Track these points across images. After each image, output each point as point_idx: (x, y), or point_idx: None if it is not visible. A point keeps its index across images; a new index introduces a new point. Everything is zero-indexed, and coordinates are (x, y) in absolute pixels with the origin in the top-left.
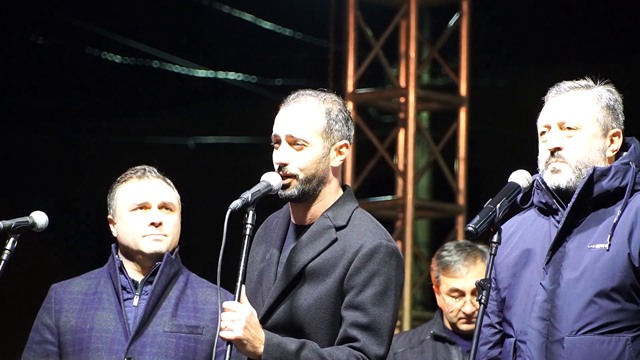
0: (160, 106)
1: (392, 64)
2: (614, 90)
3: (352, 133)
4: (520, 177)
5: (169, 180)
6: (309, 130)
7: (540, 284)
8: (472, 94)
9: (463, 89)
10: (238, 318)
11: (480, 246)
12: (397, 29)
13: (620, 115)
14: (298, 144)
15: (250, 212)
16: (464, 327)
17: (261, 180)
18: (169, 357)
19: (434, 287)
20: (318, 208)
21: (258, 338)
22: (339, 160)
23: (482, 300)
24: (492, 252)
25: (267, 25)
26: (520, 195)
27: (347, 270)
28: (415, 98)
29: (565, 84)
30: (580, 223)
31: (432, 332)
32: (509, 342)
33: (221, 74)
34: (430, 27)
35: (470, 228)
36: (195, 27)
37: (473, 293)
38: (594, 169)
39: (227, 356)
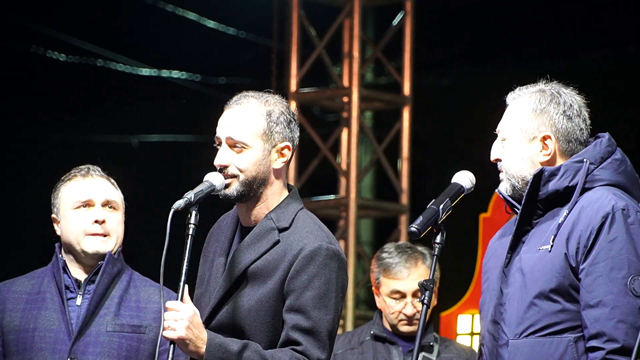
0: (104, 104)
1: (336, 64)
2: (557, 90)
3: (297, 135)
4: (463, 178)
5: (112, 180)
6: (248, 133)
7: (500, 286)
8: (417, 93)
9: (406, 89)
10: (181, 317)
11: (420, 248)
12: (341, 28)
13: (558, 116)
14: (237, 147)
15: (193, 212)
16: (404, 328)
17: (204, 180)
18: (112, 357)
19: (373, 288)
20: (261, 209)
21: (200, 338)
22: (281, 162)
23: (425, 301)
24: (435, 253)
25: (211, 24)
26: (462, 195)
27: (288, 273)
28: (358, 97)
29: (514, 92)
30: (535, 224)
31: (372, 332)
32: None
33: (165, 73)
34: (374, 26)
35: (413, 229)
36: (140, 26)
37: (414, 295)
38: (542, 170)
39: (170, 355)
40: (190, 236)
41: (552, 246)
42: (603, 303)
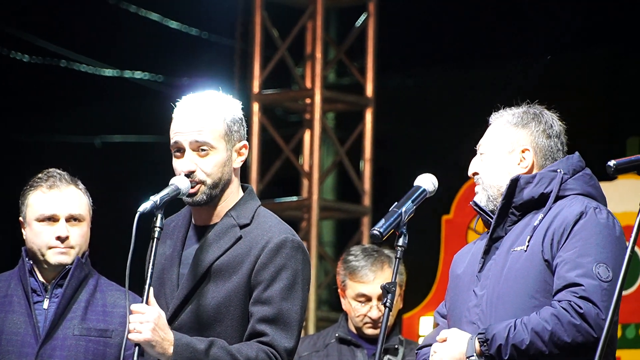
0: (67, 105)
1: (299, 65)
2: (540, 110)
3: (246, 133)
4: (426, 181)
5: (81, 186)
6: (211, 135)
7: (473, 290)
8: (380, 95)
9: (369, 90)
10: (146, 320)
11: (386, 251)
12: (304, 29)
13: (538, 133)
14: (203, 150)
15: (159, 215)
16: (369, 331)
17: (170, 183)
18: None
19: (339, 290)
20: (222, 208)
21: (167, 339)
22: (240, 161)
23: (387, 304)
24: (398, 256)
25: (173, 24)
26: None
27: (255, 266)
28: (320, 99)
29: (497, 113)
30: (509, 230)
31: (337, 335)
32: None
33: (128, 73)
34: (337, 27)
35: (375, 232)
36: (103, 27)
37: (379, 298)
38: (518, 177)
39: (135, 358)
40: (155, 239)
41: (527, 246)
42: (569, 285)
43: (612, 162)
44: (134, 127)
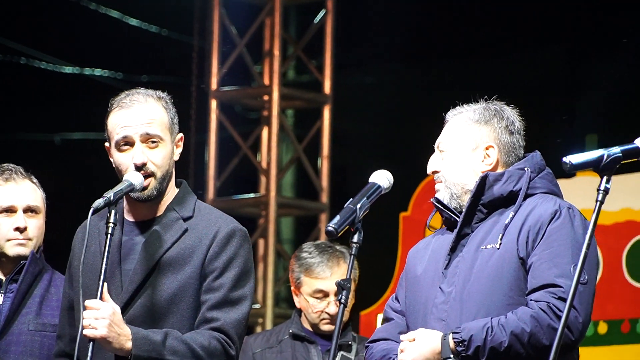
0: (27, 102)
1: (257, 62)
2: (500, 106)
3: None
4: (381, 177)
5: (35, 180)
6: (160, 127)
7: (440, 287)
8: (339, 92)
9: (327, 87)
10: (102, 316)
11: (338, 247)
12: (262, 26)
13: (500, 129)
14: (153, 142)
15: (113, 211)
16: (326, 327)
17: (123, 179)
18: (33, 356)
19: (292, 288)
20: (163, 203)
21: (124, 334)
22: (178, 154)
23: (342, 300)
24: (353, 253)
25: (133, 22)
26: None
27: (206, 256)
28: (278, 96)
29: (454, 109)
30: (476, 227)
31: (290, 331)
32: None
33: (88, 71)
34: (296, 24)
35: (330, 228)
36: (63, 24)
37: (336, 294)
38: (487, 175)
39: (90, 354)
40: (109, 235)
41: (500, 244)
42: (547, 285)
43: (568, 159)
44: (93, 125)
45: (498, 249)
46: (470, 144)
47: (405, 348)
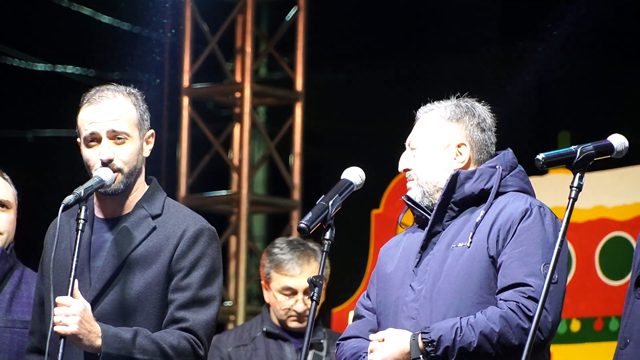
0: None
1: (230, 59)
2: (472, 103)
3: None
4: (352, 174)
5: (6, 176)
6: (127, 124)
7: (410, 285)
8: (312, 89)
9: (299, 84)
10: (72, 313)
11: (311, 244)
12: (234, 23)
13: (472, 127)
14: (120, 138)
15: (83, 208)
16: (293, 325)
17: (94, 175)
18: (3, 353)
19: (262, 282)
20: (132, 199)
21: (94, 331)
22: (149, 150)
23: (314, 298)
24: (325, 249)
25: (105, 19)
26: (352, 191)
27: (174, 254)
28: (250, 93)
29: (425, 106)
30: (447, 225)
31: (264, 329)
32: None
33: (60, 68)
34: (268, 22)
35: (302, 225)
36: (35, 21)
37: (305, 292)
38: (457, 173)
39: (61, 351)
40: (80, 231)
41: (471, 242)
42: (516, 284)
43: (540, 156)
44: (65, 122)
45: (468, 247)
46: (442, 141)
47: (374, 348)
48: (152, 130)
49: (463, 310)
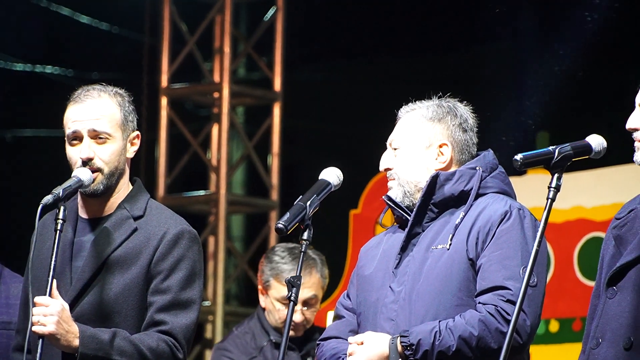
0: None
1: (208, 59)
2: (454, 104)
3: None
4: (330, 174)
5: None
6: (109, 124)
7: (390, 286)
8: (289, 89)
9: (277, 84)
10: (50, 313)
11: (311, 252)
12: (213, 23)
13: (454, 127)
14: (101, 138)
15: (62, 208)
16: (290, 333)
17: (72, 175)
18: None
19: (260, 288)
20: (115, 200)
21: (71, 332)
22: (133, 151)
23: (292, 298)
24: (302, 250)
25: (84, 19)
26: (330, 191)
27: (153, 257)
28: (229, 93)
29: (407, 106)
30: (427, 227)
31: (271, 339)
32: None
33: (39, 68)
34: (246, 22)
35: (280, 225)
36: (14, 21)
37: (305, 303)
38: (437, 174)
39: (39, 351)
40: (58, 231)
41: (450, 244)
42: (495, 287)
43: (518, 156)
44: (45, 122)
45: (448, 249)
46: (423, 141)
47: (353, 351)
48: (137, 132)
49: (442, 312)
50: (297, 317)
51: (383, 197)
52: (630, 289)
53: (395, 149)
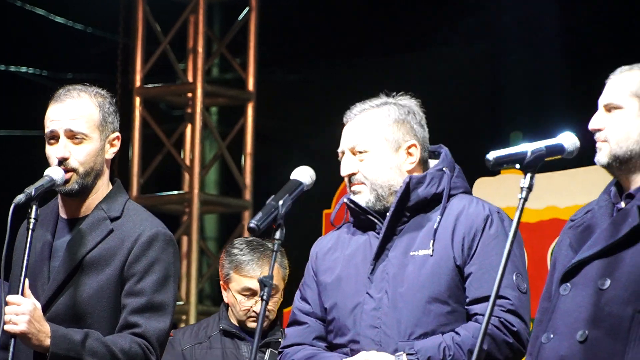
0: None
1: (182, 60)
2: (408, 102)
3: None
4: (303, 174)
5: None
6: (86, 124)
7: (367, 293)
8: (263, 89)
9: (250, 85)
10: (22, 312)
11: (270, 244)
12: (186, 24)
13: (416, 125)
14: (77, 138)
15: (34, 207)
16: (253, 325)
17: (44, 174)
18: None
19: (221, 283)
20: (93, 201)
21: (43, 331)
22: (112, 153)
23: (264, 297)
24: (275, 249)
25: (58, 19)
26: (302, 191)
27: (127, 259)
28: (202, 93)
29: (356, 108)
30: (400, 231)
31: (221, 327)
32: (340, 353)
33: (13, 68)
34: (220, 22)
35: (252, 225)
36: None
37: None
38: (410, 178)
39: (12, 350)
40: (31, 230)
41: (433, 250)
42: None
43: (491, 156)
44: (19, 122)
45: (431, 255)
46: (393, 143)
47: None
48: (117, 134)
49: (434, 320)
50: (258, 308)
51: (345, 200)
52: (586, 284)
53: (360, 153)
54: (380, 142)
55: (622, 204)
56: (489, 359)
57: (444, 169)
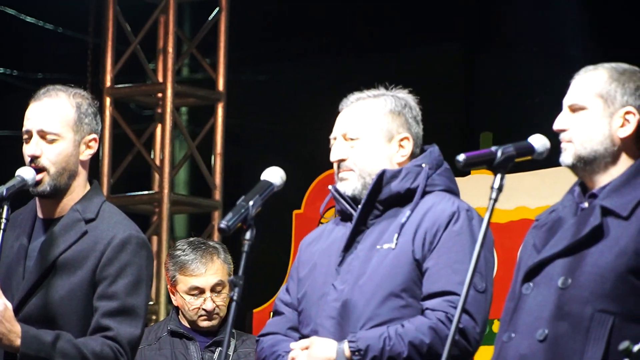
0: None
1: (152, 60)
2: (405, 96)
3: (100, 127)
4: (273, 175)
5: None
6: (59, 124)
7: (332, 284)
8: (233, 89)
9: (220, 84)
10: None
11: (212, 242)
12: (156, 24)
13: (411, 120)
14: (50, 138)
15: (5, 207)
16: (204, 324)
17: (16, 175)
18: None
19: (169, 286)
20: (68, 202)
21: (14, 331)
22: (88, 154)
23: (235, 297)
24: (245, 250)
25: (29, 19)
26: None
27: (100, 261)
28: (172, 93)
29: (353, 96)
30: (371, 224)
31: (169, 328)
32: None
33: None
34: (190, 22)
35: (222, 225)
36: None
37: (212, 290)
38: (384, 171)
39: None
40: (2, 231)
41: (396, 244)
42: (445, 292)
43: (461, 157)
44: None
45: (394, 249)
46: (386, 133)
47: (297, 356)
48: (94, 135)
49: (387, 313)
50: (208, 305)
51: (330, 187)
52: (547, 283)
53: (352, 140)
54: (374, 130)
55: (586, 204)
56: (434, 355)
57: (423, 165)
